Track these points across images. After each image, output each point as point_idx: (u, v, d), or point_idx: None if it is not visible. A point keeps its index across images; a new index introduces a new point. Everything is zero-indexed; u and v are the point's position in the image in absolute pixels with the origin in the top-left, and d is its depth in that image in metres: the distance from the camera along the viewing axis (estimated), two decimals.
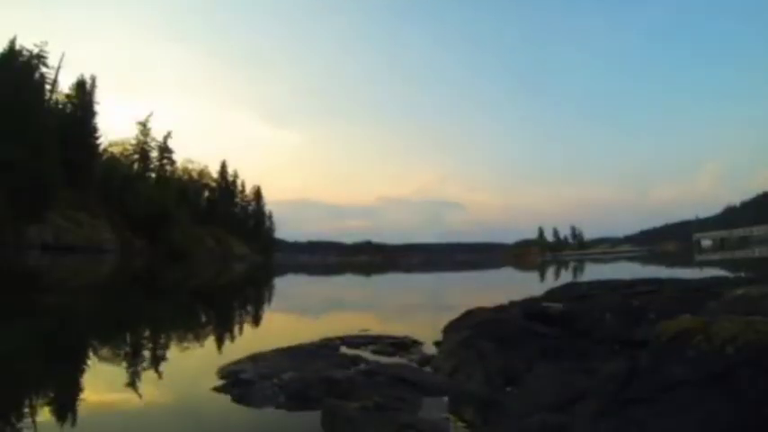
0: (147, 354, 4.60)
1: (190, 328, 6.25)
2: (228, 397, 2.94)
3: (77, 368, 3.88)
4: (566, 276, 19.21)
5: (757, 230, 51.51)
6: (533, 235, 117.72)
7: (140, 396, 3.07)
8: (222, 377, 3.31)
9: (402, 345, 4.63)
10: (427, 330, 5.10)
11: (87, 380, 3.49)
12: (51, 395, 3.17)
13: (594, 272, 21.44)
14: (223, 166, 64.90)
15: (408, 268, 32.81)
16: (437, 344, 4.56)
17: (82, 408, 2.79)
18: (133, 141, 50.08)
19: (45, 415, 2.68)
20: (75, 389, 3.23)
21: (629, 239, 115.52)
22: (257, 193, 70.45)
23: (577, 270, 25.03)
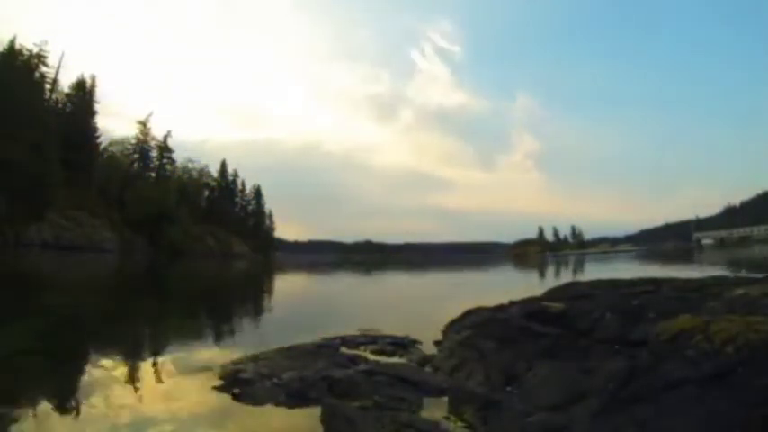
0: (147, 353, 4.60)
1: (190, 328, 6.25)
2: (229, 396, 2.95)
3: (78, 368, 3.88)
4: (565, 275, 19.21)
5: (757, 230, 51.62)
6: (533, 235, 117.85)
7: (141, 395, 3.07)
8: (223, 376, 3.31)
9: (402, 344, 4.63)
10: (427, 330, 5.10)
11: (88, 379, 3.49)
12: (52, 394, 3.17)
13: (594, 271, 21.45)
14: (223, 166, 64.82)
15: (407, 267, 32.81)
16: (437, 343, 4.57)
17: (83, 407, 2.79)
18: (133, 141, 50.16)
19: (46, 413, 2.69)
20: (76, 388, 3.23)
21: (629, 239, 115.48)
22: (257, 193, 70.48)
23: (577, 269, 25.04)
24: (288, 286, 16.71)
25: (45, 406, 2.85)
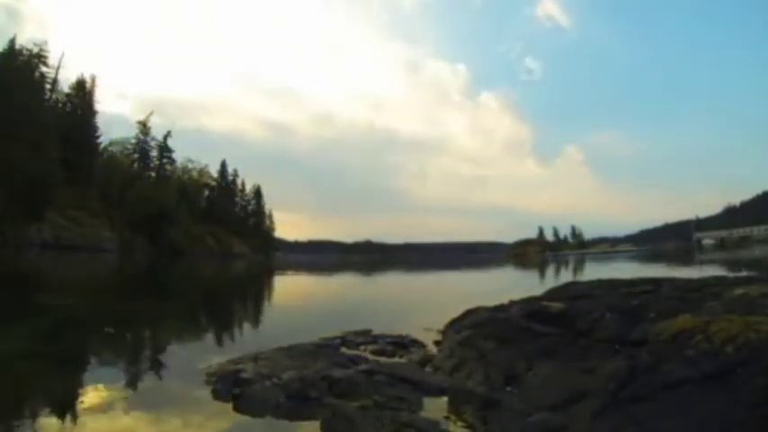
0: (147, 353, 4.60)
1: (190, 328, 6.25)
2: (228, 396, 2.94)
3: (76, 369, 3.88)
4: (565, 275, 19.21)
5: (757, 230, 51.53)
6: (533, 235, 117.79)
7: (141, 396, 3.07)
8: (222, 376, 3.31)
9: (402, 344, 4.63)
10: (427, 330, 5.11)
11: (87, 381, 3.48)
12: (49, 396, 3.17)
13: (594, 271, 21.44)
14: (223, 166, 64.85)
15: (407, 267, 32.81)
16: (437, 343, 4.57)
17: (81, 408, 2.78)
18: (133, 141, 50.20)
19: (43, 416, 2.69)
20: (74, 389, 3.23)
21: (629, 239, 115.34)
22: (257, 193, 70.53)
23: (577, 269, 25.04)
24: (288, 286, 16.72)
25: (43, 409, 2.84)
